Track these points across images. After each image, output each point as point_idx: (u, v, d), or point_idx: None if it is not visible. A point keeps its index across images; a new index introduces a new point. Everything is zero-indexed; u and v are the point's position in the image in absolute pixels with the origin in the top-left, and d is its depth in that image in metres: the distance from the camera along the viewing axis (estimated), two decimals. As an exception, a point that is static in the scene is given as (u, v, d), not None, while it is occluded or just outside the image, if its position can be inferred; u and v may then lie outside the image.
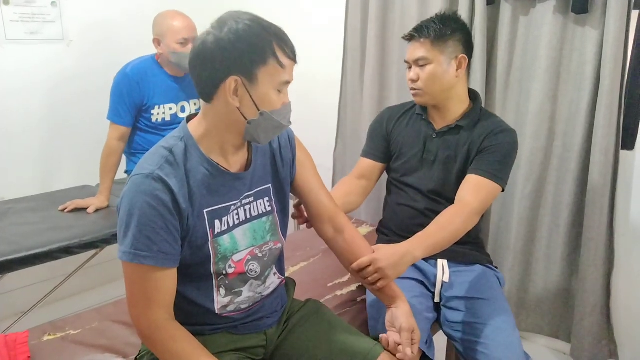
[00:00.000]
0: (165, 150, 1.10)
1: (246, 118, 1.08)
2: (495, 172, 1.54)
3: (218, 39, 1.04)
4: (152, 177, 1.05)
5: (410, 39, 1.60)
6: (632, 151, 1.97)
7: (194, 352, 1.09)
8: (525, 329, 2.28)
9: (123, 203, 1.07)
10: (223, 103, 1.07)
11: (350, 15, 2.62)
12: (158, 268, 1.06)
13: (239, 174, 1.18)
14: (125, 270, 1.08)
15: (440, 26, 1.55)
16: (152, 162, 1.08)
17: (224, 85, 1.05)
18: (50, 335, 1.46)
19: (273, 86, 1.07)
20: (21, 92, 2.45)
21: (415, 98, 1.64)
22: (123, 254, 1.05)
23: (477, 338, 1.43)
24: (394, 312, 1.30)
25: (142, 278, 1.07)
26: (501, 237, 2.31)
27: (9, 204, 2.32)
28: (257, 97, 1.06)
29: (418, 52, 1.57)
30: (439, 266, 1.63)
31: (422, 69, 1.57)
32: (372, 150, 1.78)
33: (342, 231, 1.36)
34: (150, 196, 1.04)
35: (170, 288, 1.10)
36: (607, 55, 1.86)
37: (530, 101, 2.11)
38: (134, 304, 1.09)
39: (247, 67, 1.04)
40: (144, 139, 2.37)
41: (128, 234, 1.05)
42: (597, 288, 2.04)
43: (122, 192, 1.08)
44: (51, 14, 2.47)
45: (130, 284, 1.08)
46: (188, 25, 2.23)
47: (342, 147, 2.82)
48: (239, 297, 1.22)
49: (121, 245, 1.06)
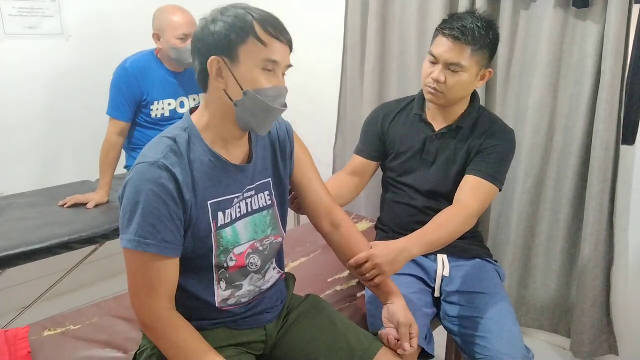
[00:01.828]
0: (169, 140, 1.10)
1: (232, 99, 1.08)
2: (494, 173, 1.54)
3: (203, 26, 1.07)
4: (157, 165, 1.04)
5: (454, 39, 1.46)
6: (633, 146, 1.97)
7: (194, 342, 1.09)
8: (525, 324, 2.29)
9: (127, 191, 1.05)
10: (214, 88, 1.09)
11: (350, 10, 2.61)
12: (161, 257, 1.06)
13: (242, 166, 1.17)
14: (128, 258, 1.07)
15: (484, 33, 1.47)
16: (156, 150, 1.07)
17: (210, 69, 1.06)
18: (51, 331, 1.46)
19: (255, 64, 1.06)
20: (20, 87, 2.44)
21: (429, 96, 1.56)
22: (128, 241, 1.04)
23: (478, 332, 1.43)
24: (390, 308, 1.31)
25: (145, 266, 1.06)
26: (501, 232, 2.31)
27: (9, 199, 2.32)
28: (240, 76, 1.06)
29: (457, 56, 1.47)
30: (439, 261, 1.63)
31: (452, 74, 1.49)
32: (365, 149, 1.75)
33: (340, 226, 1.37)
34: (155, 184, 1.03)
35: (172, 278, 1.10)
36: (608, 50, 1.86)
37: (530, 96, 2.11)
38: (136, 293, 1.08)
39: (226, 46, 1.05)
40: (144, 134, 2.36)
41: (132, 222, 1.04)
42: (597, 283, 2.04)
43: (125, 180, 1.07)
44: (50, 9, 2.46)
45: (132, 273, 1.07)
46: (188, 20, 2.22)
47: (342, 142, 2.82)
48: (240, 290, 1.21)
49: (124, 234, 1.05)
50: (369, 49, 2.51)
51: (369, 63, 2.53)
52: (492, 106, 2.23)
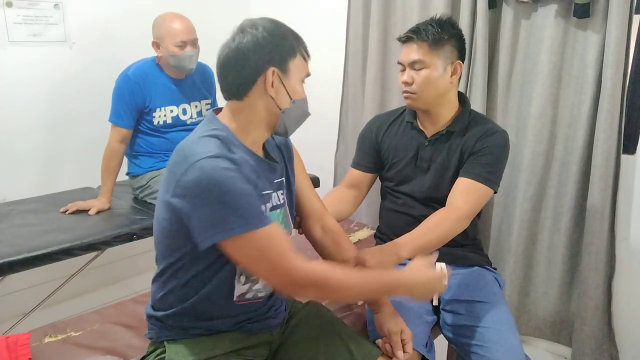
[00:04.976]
0: (213, 138, 1.10)
1: (280, 108, 1.16)
2: (487, 175, 1.53)
3: (255, 37, 1.12)
4: (220, 157, 1.04)
5: (407, 41, 1.57)
6: (634, 155, 1.97)
7: (358, 271, 1.23)
8: (526, 332, 2.28)
9: (206, 190, 1.02)
10: (258, 96, 1.14)
11: (352, 19, 2.62)
12: (271, 224, 1.07)
13: (273, 164, 1.23)
14: (247, 245, 1.04)
15: (438, 30, 1.53)
16: (209, 146, 1.06)
17: (262, 78, 1.13)
18: (51, 337, 1.46)
19: (300, 77, 1.18)
20: (24, 93, 2.45)
21: (407, 101, 1.61)
22: (242, 228, 1.02)
23: (477, 341, 1.43)
24: (379, 318, 1.34)
25: (269, 239, 1.05)
26: (502, 240, 2.31)
27: (11, 206, 2.32)
28: (290, 87, 1.16)
29: (414, 54, 1.54)
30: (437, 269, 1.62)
31: (417, 73, 1.55)
32: (361, 161, 1.77)
33: (331, 231, 1.41)
34: (230, 170, 1.03)
35: (287, 238, 1.13)
36: (609, 60, 1.87)
37: (531, 105, 2.11)
38: (274, 270, 1.07)
39: (282, 59, 1.14)
40: (146, 141, 2.37)
41: (231, 211, 1.02)
42: (598, 292, 2.04)
43: (186, 183, 1.03)
44: (54, 16, 2.48)
45: (258, 255, 1.05)
46: (186, 27, 2.24)
47: (343, 149, 2.82)
48: (256, 284, 1.22)
49: (230, 226, 1.02)
50: (370, 57, 2.52)
51: (370, 71, 2.54)
52: (493, 115, 2.24)
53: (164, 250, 1.18)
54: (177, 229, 1.09)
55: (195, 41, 2.28)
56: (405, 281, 1.20)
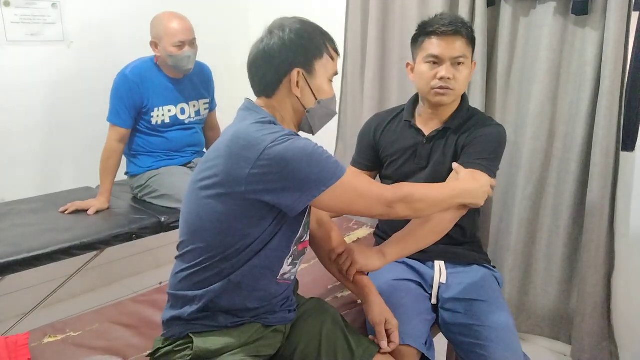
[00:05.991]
0: (271, 123, 1.16)
1: (305, 107, 1.22)
2: (480, 161, 1.50)
3: (281, 39, 1.18)
4: (292, 134, 1.13)
5: (450, 35, 1.50)
6: (633, 152, 1.97)
7: (430, 184, 1.39)
8: (526, 330, 2.28)
9: (294, 158, 1.09)
10: (285, 95, 1.21)
11: (350, 17, 2.62)
12: (348, 168, 1.22)
13: None
14: (344, 190, 1.15)
15: (468, 25, 1.54)
16: (271, 129, 1.13)
17: (287, 78, 1.19)
18: (51, 337, 1.46)
19: (327, 77, 1.23)
20: (22, 94, 2.45)
21: (441, 97, 1.54)
22: (337, 177, 1.13)
23: (476, 340, 1.43)
24: (366, 309, 1.39)
25: (354, 178, 1.18)
26: (501, 238, 2.31)
27: (10, 206, 2.32)
28: (315, 87, 1.22)
29: (459, 49, 1.50)
30: (436, 268, 1.62)
31: (457, 68, 1.51)
32: (360, 160, 1.78)
33: (324, 224, 1.48)
34: (301, 138, 1.13)
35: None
36: (608, 57, 1.87)
37: (530, 102, 2.11)
38: (371, 198, 1.20)
39: (307, 59, 1.19)
40: (145, 140, 2.37)
41: (322, 167, 1.12)
42: (597, 289, 2.04)
43: (269, 161, 1.09)
44: (52, 16, 2.48)
45: (356, 193, 1.18)
46: (184, 27, 2.23)
47: (342, 148, 2.82)
48: (294, 268, 1.31)
49: (327, 179, 1.12)
50: (369, 55, 2.52)
51: (369, 69, 2.54)
52: (492, 112, 2.24)
53: (217, 244, 1.18)
54: (239, 219, 1.14)
55: (193, 41, 2.28)
56: (467, 187, 1.38)
